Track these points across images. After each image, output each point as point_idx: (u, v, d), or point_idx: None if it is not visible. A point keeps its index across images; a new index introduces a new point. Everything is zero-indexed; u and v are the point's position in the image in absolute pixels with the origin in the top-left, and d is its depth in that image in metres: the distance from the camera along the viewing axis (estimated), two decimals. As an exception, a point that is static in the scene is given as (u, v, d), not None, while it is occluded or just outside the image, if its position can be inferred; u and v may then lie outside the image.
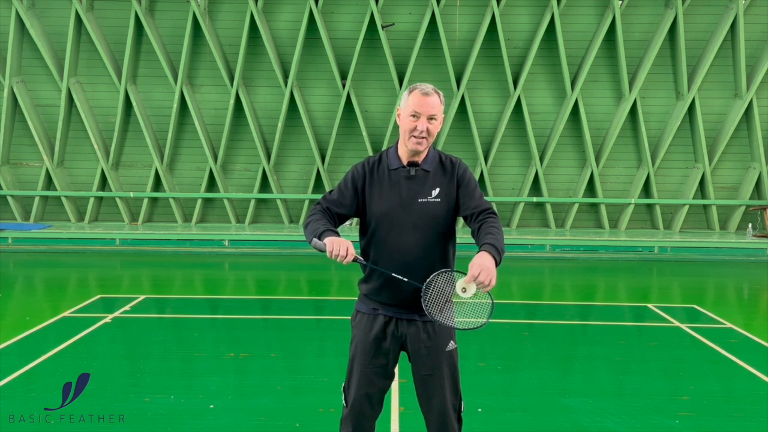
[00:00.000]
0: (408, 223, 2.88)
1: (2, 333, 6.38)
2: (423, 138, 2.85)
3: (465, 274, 2.60)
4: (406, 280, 2.80)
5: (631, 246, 12.96)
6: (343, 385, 3.09)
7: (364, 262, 2.85)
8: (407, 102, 2.87)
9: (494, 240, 2.68)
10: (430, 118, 2.84)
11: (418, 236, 2.87)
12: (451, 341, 3.00)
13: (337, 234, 2.82)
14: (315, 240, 2.77)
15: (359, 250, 3.01)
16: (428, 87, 2.87)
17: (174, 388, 5.00)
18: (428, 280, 2.74)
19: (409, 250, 2.87)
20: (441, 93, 2.91)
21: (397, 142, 3.01)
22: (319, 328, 7.12)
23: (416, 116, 2.84)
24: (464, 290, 2.58)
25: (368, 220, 2.96)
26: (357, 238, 3.05)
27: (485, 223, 2.80)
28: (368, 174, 2.96)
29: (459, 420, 3.05)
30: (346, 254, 2.67)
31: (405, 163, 2.94)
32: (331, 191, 3.03)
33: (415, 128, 2.84)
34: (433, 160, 2.97)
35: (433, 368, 2.96)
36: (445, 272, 2.77)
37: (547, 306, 8.45)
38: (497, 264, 2.62)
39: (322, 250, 2.71)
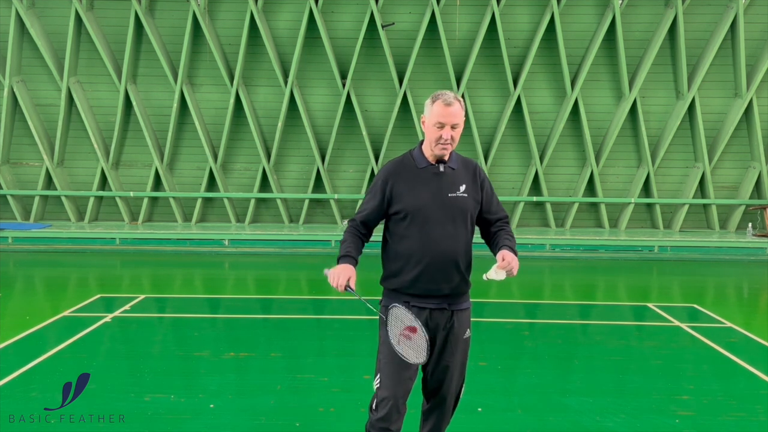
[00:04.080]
0: (440, 216, 3.08)
1: (2, 333, 6.38)
2: (448, 144, 3.07)
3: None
4: (382, 314, 3.01)
5: (631, 245, 12.96)
6: (375, 384, 3.12)
7: (354, 293, 3.02)
8: (431, 112, 3.05)
9: (512, 244, 3.20)
10: (454, 126, 3.04)
11: (450, 228, 3.08)
12: (468, 329, 3.21)
13: (353, 258, 3.10)
14: (326, 270, 3.12)
15: (392, 245, 3.17)
16: (450, 96, 3.04)
17: (174, 387, 5.01)
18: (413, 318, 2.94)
19: (442, 241, 3.07)
20: (461, 100, 3.10)
21: (420, 143, 3.21)
22: (319, 327, 7.12)
23: (441, 126, 3.02)
24: (496, 273, 3.04)
25: (400, 215, 3.11)
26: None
27: (504, 230, 3.25)
28: (395, 173, 3.15)
29: (457, 402, 3.31)
30: (341, 285, 2.97)
31: (433, 161, 3.15)
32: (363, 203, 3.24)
33: (440, 137, 3.04)
34: (457, 159, 3.20)
35: (453, 355, 3.15)
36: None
37: (547, 306, 8.46)
38: None
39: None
